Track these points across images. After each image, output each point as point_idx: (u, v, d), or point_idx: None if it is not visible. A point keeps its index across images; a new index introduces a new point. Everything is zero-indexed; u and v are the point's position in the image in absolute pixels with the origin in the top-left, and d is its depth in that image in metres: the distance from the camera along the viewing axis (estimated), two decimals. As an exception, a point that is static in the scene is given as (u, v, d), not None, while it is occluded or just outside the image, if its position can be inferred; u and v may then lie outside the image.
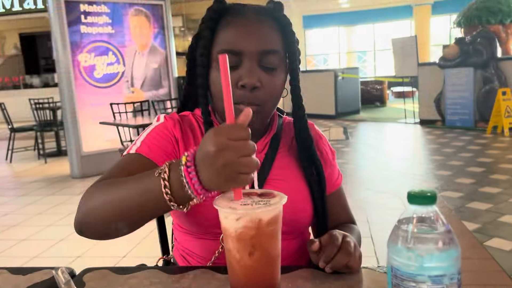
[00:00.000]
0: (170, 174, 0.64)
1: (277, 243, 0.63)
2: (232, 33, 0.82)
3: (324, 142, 1.02)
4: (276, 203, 0.60)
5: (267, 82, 0.83)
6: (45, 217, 3.78)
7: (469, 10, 8.77)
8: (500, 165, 4.65)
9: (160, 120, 0.91)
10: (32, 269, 0.82)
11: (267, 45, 0.82)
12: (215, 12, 0.84)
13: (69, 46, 5.08)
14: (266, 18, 0.84)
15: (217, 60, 0.82)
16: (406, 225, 0.47)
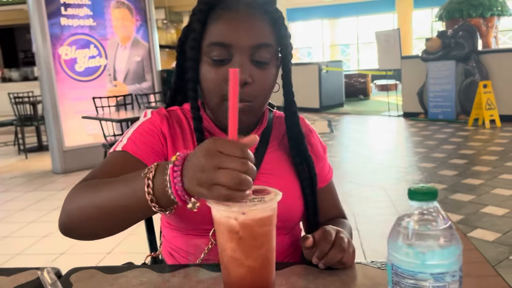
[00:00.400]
0: (156, 174, 0.61)
1: (272, 240, 0.62)
2: (223, 26, 0.80)
3: (314, 136, 1.00)
4: (271, 200, 0.59)
5: (259, 78, 0.80)
6: (27, 214, 3.71)
7: (450, 3, 8.87)
8: (481, 157, 4.73)
9: (147, 115, 0.89)
10: (16, 269, 0.79)
11: (259, 39, 0.80)
12: (205, 4, 0.81)
13: (49, 39, 4.96)
14: (258, 11, 0.82)
15: (207, 54, 0.80)
16: (407, 221, 0.46)
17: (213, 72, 0.80)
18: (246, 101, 0.80)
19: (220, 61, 0.79)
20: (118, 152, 0.82)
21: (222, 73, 0.79)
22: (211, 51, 0.80)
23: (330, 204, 1.00)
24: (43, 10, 4.90)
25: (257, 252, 0.59)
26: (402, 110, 8.07)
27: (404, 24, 14.52)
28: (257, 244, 0.59)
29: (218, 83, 0.80)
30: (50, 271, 0.74)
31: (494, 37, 9.15)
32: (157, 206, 0.62)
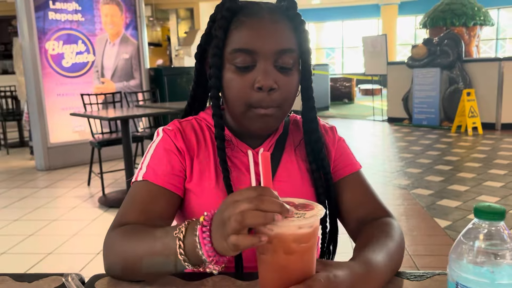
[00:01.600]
0: (186, 235, 0.64)
1: (310, 258, 0.59)
2: (246, 33, 0.79)
3: (329, 135, 0.96)
4: (312, 216, 0.56)
5: (284, 83, 0.80)
6: (11, 211, 3.62)
7: (434, 11, 9.03)
8: (466, 164, 4.83)
9: (159, 134, 0.88)
10: (38, 275, 0.77)
11: (282, 45, 0.79)
12: (228, 11, 0.80)
13: (36, 33, 4.86)
14: (280, 17, 0.81)
15: (230, 60, 0.80)
16: (473, 240, 0.47)
17: (237, 79, 0.80)
18: (273, 107, 0.80)
19: (244, 68, 0.79)
20: (140, 182, 0.83)
21: (246, 79, 0.79)
22: (235, 57, 0.79)
23: (358, 199, 0.90)
24: (31, 3, 4.80)
25: (294, 267, 0.57)
26: (387, 115, 8.18)
27: (388, 30, 14.72)
28: (293, 260, 0.57)
29: (243, 90, 0.79)
30: (74, 277, 0.73)
31: (476, 46, 9.36)
32: (190, 264, 0.64)
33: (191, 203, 0.86)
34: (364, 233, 0.83)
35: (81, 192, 4.11)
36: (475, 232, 0.48)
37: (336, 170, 0.93)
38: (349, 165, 0.93)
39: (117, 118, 3.55)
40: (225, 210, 0.57)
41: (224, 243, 0.57)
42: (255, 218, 0.54)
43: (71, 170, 4.98)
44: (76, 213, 3.54)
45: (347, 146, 0.97)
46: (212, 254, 0.60)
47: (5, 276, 0.77)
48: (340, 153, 0.95)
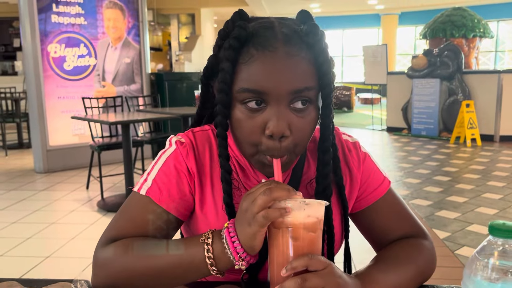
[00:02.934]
0: (214, 239, 0.67)
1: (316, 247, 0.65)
2: (256, 70, 0.68)
3: (354, 156, 0.87)
4: (318, 204, 0.64)
5: (298, 128, 0.70)
6: (9, 214, 3.60)
7: (434, 22, 9.10)
8: (464, 175, 4.84)
9: (172, 145, 0.80)
10: (46, 281, 0.77)
11: (298, 84, 0.68)
12: (237, 41, 0.69)
13: (38, 34, 4.87)
14: (297, 47, 0.69)
15: (239, 99, 0.70)
16: (488, 257, 0.48)
17: (246, 120, 0.70)
18: (286, 154, 0.71)
19: (254, 109, 0.69)
20: (142, 197, 0.77)
21: (256, 122, 0.69)
22: (244, 97, 0.69)
23: (391, 223, 0.84)
24: (34, 5, 4.81)
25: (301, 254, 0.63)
26: (386, 125, 8.21)
27: (388, 40, 14.82)
28: (298, 245, 0.63)
29: (252, 134, 0.70)
30: (83, 284, 0.73)
31: (475, 57, 9.42)
32: (216, 269, 0.67)
33: (202, 228, 0.79)
34: (385, 250, 0.81)
35: (79, 196, 4.10)
36: (489, 249, 0.48)
37: (365, 196, 0.86)
38: (379, 187, 0.86)
39: (118, 123, 3.55)
40: (244, 201, 0.64)
41: (250, 228, 0.63)
42: (280, 190, 0.62)
43: (70, 173, 4.97)
44: (74, 217, 3.53)
45: (373, 163, 0.88)
46: (240, 251, 0.65)
47: (13, 281, 0.77)
48: (367, 175, 0.86)
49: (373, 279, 0.70)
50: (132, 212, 0.78)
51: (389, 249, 0.81)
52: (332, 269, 0.63)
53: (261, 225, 0.62)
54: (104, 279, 0.73)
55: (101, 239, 0.76)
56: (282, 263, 0.63)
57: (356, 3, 14.49)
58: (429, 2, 13.50)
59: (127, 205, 0.79)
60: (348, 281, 0.65)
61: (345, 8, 15.46)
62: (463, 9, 9.01)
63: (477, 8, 10.67)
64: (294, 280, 0.60)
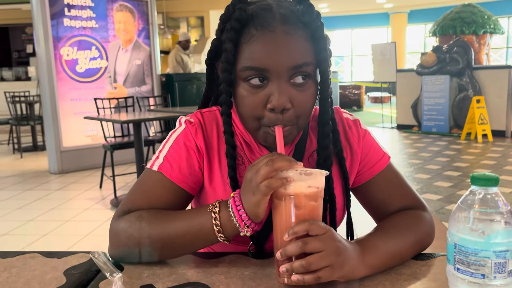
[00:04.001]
0: (220, 208, 0.72)
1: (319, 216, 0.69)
2: (258, 49, 0.73)
3: (354, 133, 0.90)
4: (319, 173, 0.68)
5: (299, 101, 0.74)
6: (26, 212, 3.70)
7: (444, 20, 9.07)
8: (475, 170, 4.83)
9: (181, 125, 0.85)
10: (66, 253, 0.82)
11: (297, 60, 0.73)
12: (238, 22, 0.73)
13: (51, 39, 4.98)
14: (295, 26, 0.73)
15: (242, 77, 0.75)
16: (470, 205, 0.51)
17: (249, 97, 0.75)
18: (288, 125, 0.75)
19: (256, 86, 0.74)
20: (154, 172, 0.82)
21: (259, 97, 0.74)
22: (246, 75, 0.74)
23: (390, 196, 0.87)
24: (47, 11, 4.92)
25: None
26: (396, 122, 8.19)
27: (397, 38, 14.77)
28: (300, 214, 0.67)
29: (255, 109, 0.75)
30: (100, 253, 0.78)
31: (486, 54, 9.36)
32: (223, 236, 0.72)
33: (210, 200, 0.83)
34: (385, 219, 0.85)
35: (93, 195, 4.19)
36: (471, 198, 0.52)
37: (365, 170, 0.89)
38: (378, 162, 0.89)
39: (129, 121, 3.63)
40: (249, 172, 0.68)
41: (255, 196, 0.66)
42: (282, 161, 0.66)
43: (84, 173, 5.06)
44: (88, 215, 3.60)
45: (373, 139, 0.91)
46: (245, 218, 0.69)
47: (35, 253, 0.82)
48: (367, 150, 0.90)
49: (373, 244, 0.73)
50: (145, 187, 0.82)
51: (389, 219, 0.84)
52: (331, 234, 0.66)
53: (264, 193, 0.66)
54: (119, 248, 0.78)
55: (116, 212, 0.81)
56: (285, 229, 0.66)
57: (364, 2, 14.48)
58: (438, -1, 13.44)
59: (140, 181, 0.83)
60: (347, 246, 0.68)
61: (353, 8, 15.45)
62: (473, 5, 8.96)
63: (487, 4, 10.61)
64: (295, 243, 0.64)
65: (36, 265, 0.78)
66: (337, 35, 17.92)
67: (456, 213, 0.53)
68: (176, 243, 0.75)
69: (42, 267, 0.76)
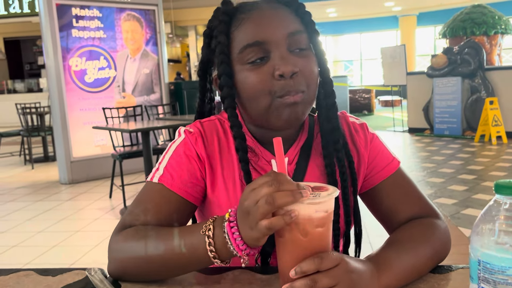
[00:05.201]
0: (215, 232, 0.64)
1: (324, 243, 0.59)
2: (250, 27, 0.75)
3: (361, 136, 0.88)
4: (327, 196, 0.57)
5: (304, 65, 0.74)
6: (36, 223, 3.69)
7: (454, 21, 8.96)
8: (490, 173, 4.72)
9: (181, 135, 0.83)
10: (61, 270, 0.78)
11: (290, 27, 0.75)
12: (225, 15, 0.76)
13: (60, 50, 5.01)
14: (279, 5, 0.78)
15: (241, 60, 0.75)
16: (495, 216, 0.46)
17: (253, 75, 0.74)
18: (300, 91, 0.74)
19: (258, 61, 0.74)
20: (155, 184, 0.79)
21: (264, 71, 0.73)
22: (245, 55, 0.74)
23: (400, 202, 0.83)
24: (55, 22, 4.95)
25: (310, 249, 0.58)
26: (408, 126, 8.09)
27: (407, 41, 14.65)
28: (306, 241, 0.58)
29: (263, 82, 0.73)
30: (97, 271, 0.74)
31: (497, 55, 9.22)
32: (219, 261, 0.65)
33: (215, 211, 0.81)
34: (397, 231, 0.78)
35: (103, 204, 4.17)
36: (496, 209, 0.47)
37: (373, 174, 0.86)
38: (387, 166, 0.86)
39: (138, 130, 3.61)
40: (246, 200, 0.58)
41: (253, 232, 0.58)
42: (284, 197, 0.55)
43: (93, 183, 5.06)
44: (98, 225, 3.58)
45: (381, 143, 0.88)
46: (243, 248, 0.61)
47: (30, 270, 0.78)
48: (375, 154, 0.87)
49: (387, 262, 0.67)
50: (146, 200, 0.79)
51: (401, 230, 0.78)
52: (344, 265, 0.59)
53: (264, 234, 0.58)
54: (115, 265, 0.74)
55: (116, 226, 0.78)
56: (290, 261, 0.59)
57: (372, 6, 14.41)
58: (447, 1, 13.32)
59: (141, 194, 0.80)
60: (362, 273, 0.61)
61: (361, 12, 15.38)
62: (483, 6, 8.84)
63: (497, 4, 10.47)
64: (304, 282, 0.56)
65: (29, 283, 0.74)
66: (345, 39, 17.87)
67: (480, 226, 0.47)
68: (170, 265, 0.70)
69: (35, 285, 0.72)
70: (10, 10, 12.19)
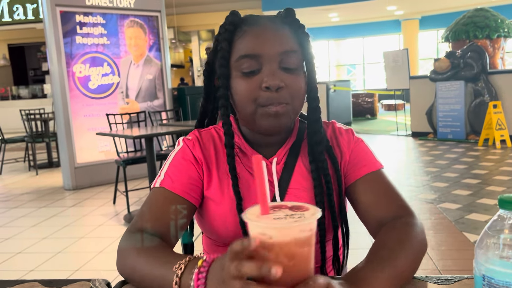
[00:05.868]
0: (183, 273, 0.65)
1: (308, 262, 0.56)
2: (250, 40, 0.83)
3: (344, 138, 0.95)
4: (312, 216, 0.55)
5: (291, 82, 0.82)
6: (40, 230, 3.70)
7: (456, 25, 8.94)
8: (495, 177, 4.70)
9: (180, 144, 0.93)
10: (66, 281, 0.79)
11: (285, 46, 0.82)
12: (231, 25, 0.85)
13: (64, 57, 5.04)
14: (280, 24, 0.86)
15: (237, 68, 0.83)
16: (499, 232, 0.46)
17: (244, 83, 0.82)
18: (284, 103, 0.81)
19: (250, 72, 0.82)
20: (157, 188, 0.88)
21: (253, 82, 0.81)
22: (241, 64, 0.82)
23: (377, 199, 0.87)
24: (59, 29, 4.98)
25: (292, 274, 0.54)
26: (411, 130, 8.07)
27: (409, 45, 14.65)
28: (291, 265, 0.54)
29: (251, 91, 0.82)
30: (101, 282, 0.75)
31: (500, 58, 9.20)
32: None
33: (211, 210, 0.89)
34: (376, 241, 0.78)
35: (107, 210, 4.18)
36: (500, 223, 0.47)
37: (353, 171, 0.91)
38: (368, 165, 0.91)
39: (141, 136, 3.62)
40: (223, 270, 0.55)
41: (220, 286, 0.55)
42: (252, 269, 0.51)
43: (97, 189, 5.07)
44: (102, 231, 3.59)
45: (367, 147, 0.95)
46: None
47: (35, 282, 0.79)
48: (357, 153, 0.93)
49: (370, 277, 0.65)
50: (151, 203, 0.87)
51: (380, 240, 0.77)
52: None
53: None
54: (119, 265, 0.80)
55: (127, 228, 0.84)
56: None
57: (375, 10, 14.42)
58: (449, 5, 13.32)
59: (147, 199, 0.89)
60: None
61: (364, 16, 15.40)
62: (486, 9, 8.83)
63: (500, 8, 10.47)
64: None
65: (35, 295, 0.74)
66: (348, 43, 17.88)
67: (484, 241, 0.47)
68: (145, 285, 0.73)
69: (41, 297, 0.73)
70: (15, 17, 12.28)
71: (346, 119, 10.09)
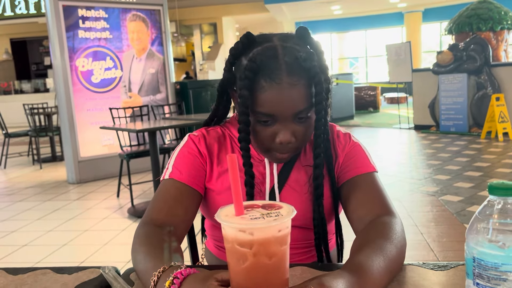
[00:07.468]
0: (160, 278, 0.67)
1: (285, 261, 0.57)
2: (267, 99, 0.84)
3: (341, 141, 1.00)
4: (289, 214, 0.56)
5: (301, 133, 0.88)
6: (45, 223, 3.74)
7: (459, 17, 8.90)
8: (497, 170, 4.71)
9: (186, 140, 1.00)
10: (77, 268, 0.82)
11: (299, 107, 0.85)
12: (250, 71, 0.84)
13: (67, 51, 5.06)
14: (298, 76, 0.84)
15: (254, 115, 0.86)
16: (488, 216, 0.48)
17: (260, 130, 0.88)
18: (291, 152, 0.90)
19: (266, 122, 0.87)
20: (167, 180, 0.94)
21: (268, 132, 0.88)
22: (258, 116, 0.86)
23: (363, 199, 0.90)
24: (62, 23, 5.00)
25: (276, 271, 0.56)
26: (413, 123, 8.08)
27: (412, 38, 14.60)
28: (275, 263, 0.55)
29: (264, 139, 0.89)
30: (111, 269, 0.77)
31: (504, 50, 9.16)
32: None
33: (212, 199, 0.97)
34: (360, 235, 0.81)
35: (111, 204, 4.22)
36: (490, 209, 0.49)
37: (346, 171, 0.96)
38: (361, 167, 0.95)
39: (144, 130, 3.65)
40: None
41: None
42: None
43: (101, 183, 5.11)
44: (106, 224, 3.63)
45: (363, 150, 0.99)
46: None
47: (47, 269, 0.82)
48: (352, 156, 0.97)
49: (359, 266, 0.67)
50: (162, 194, 0.93)
51: (363, 233, 0.82)
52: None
53: None
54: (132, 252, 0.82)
55: (141, 220, 0.89)
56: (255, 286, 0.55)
57: (377, 3, 14.36)
58: (453, -3, 13.24)
59: (158, 191, 0.94)
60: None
61: (366, 8, 15.33)
62: (489, 1, 8.78)
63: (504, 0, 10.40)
64: None
65: (47, 281, 0.77)
66: (351, 36, 17.82)
67: (474, 225, 0.50)
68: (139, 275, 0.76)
69: (53, 284, 0.76)
70: (16, 11, 12.28)
71: (348, 112, 10.09)
